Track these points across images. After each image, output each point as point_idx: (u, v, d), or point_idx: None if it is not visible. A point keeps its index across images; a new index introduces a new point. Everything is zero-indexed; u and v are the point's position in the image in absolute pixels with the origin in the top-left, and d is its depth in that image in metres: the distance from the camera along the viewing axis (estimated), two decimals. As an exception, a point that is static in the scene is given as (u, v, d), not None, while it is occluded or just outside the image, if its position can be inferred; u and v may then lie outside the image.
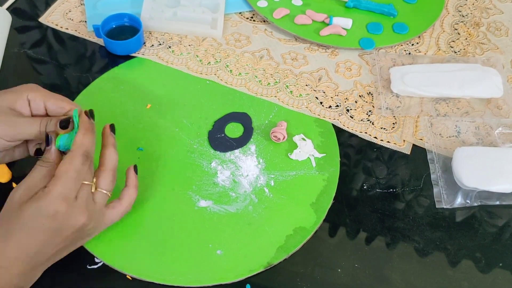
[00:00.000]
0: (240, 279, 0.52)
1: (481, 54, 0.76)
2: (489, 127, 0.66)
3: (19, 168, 0.60)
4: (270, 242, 0.55)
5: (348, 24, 0.76)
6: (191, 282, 0.52)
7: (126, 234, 0.54)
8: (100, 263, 0.53)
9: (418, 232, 0.57)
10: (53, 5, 0.79)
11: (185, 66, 0.72)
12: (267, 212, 0.57)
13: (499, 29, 0.81)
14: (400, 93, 0.69)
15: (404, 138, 0.66)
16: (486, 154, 0.60)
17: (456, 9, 0.84)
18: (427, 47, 0.77)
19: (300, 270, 0.53)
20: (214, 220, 0.56)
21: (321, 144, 0.63)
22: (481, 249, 0.56)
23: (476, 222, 0.59)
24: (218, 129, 0.64)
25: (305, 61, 0.74)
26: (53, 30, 0.76)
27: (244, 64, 0.73)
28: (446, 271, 0.54)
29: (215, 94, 0.68)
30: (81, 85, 0.69)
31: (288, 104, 0.68)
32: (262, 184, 0.59)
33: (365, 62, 0.74)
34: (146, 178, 0.59)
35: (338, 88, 0.71)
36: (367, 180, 0.61)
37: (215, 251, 0.54)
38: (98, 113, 0.65)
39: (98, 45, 0.74)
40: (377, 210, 0.59)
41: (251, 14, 0.81)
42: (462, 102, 0.69)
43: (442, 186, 0.60)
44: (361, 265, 0.54)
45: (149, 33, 0.76)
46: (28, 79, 0.69)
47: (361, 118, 0.67)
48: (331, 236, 0.56)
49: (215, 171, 0.60)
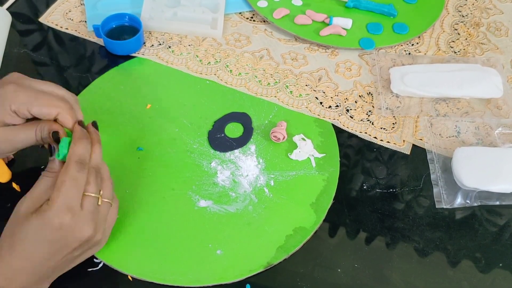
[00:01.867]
0: (240, 279, 0.52)
1: (481, 54, 0.76)
2: (489, 127, 0.66)
3: (19, 168, 0.60)
4: (270, 242, 0.55)
5: (348, 24, 0.76)
6: (191, 282, 0.52)
7: (127, 234, 0.54)
8: (100, 264, 0.53)
9: (418, 232, 0.57)
10: (53, 5, 0.79)
11: (185, 66, 0.72)
12: (267, 212, 0.57)
13: (499, 29, 0.81)
14: (400, 93, 0.69)
15: (404, 138, 0.66)
16: (486, 154, 0.60)
17: (456, 9, 0.84)
18: (427, 47, 0.77)
19: (300, 270, 0.53)
20: (214, 220, 0.56)
21: (321, 144, 0.63)
22: (481, 249, 0.56)
23: (476, 222, 0.58)
24: (218, 129, 0.64)
25: (305, 61, 0.74)
26: (53, 30, 0.76)
27: (244, 64, 0.73)
28: (446, 271, 0.54)
29: (215, 94, 0.68)
30: (81, 85, 0.69)
31: (288, 104, 0.68)
32: (262, 184, 0.59)
33: (365, 62, 0.74)
34: (146, 178, 0.59)
35: (338, 88, 0.71)
36: (367, 180, 0.61)
37: (215, 251, 0.54)
38: (98, 113, 0.65)
39: (98, 45, 0.74)
40: (377, 210, 0.59)
41: (251, 14, 0.81)
42: (462, 102, 0.69)
43: (442, 186, 0.60)
44: (361, 265, 0.54)
45: (149, 33, 0.76)
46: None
47: (361, 118, 0.67)
48: (331, 236, 0.56)
49: (215, 171, 0.60)
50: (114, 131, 0.63)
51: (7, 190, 0.58)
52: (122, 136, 0.63)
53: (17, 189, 0.58)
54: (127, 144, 0.62)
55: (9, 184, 0.58)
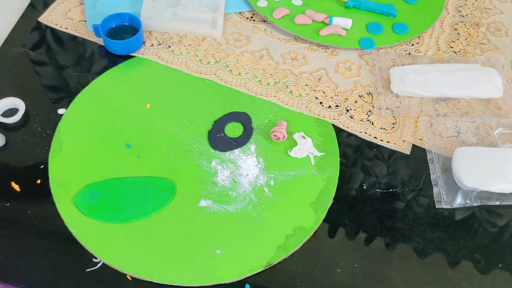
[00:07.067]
0: (239, 279, 0.52)
1: (481, 54, 0.76)
2: (489, 127, 0.66)
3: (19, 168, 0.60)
4: (270, 242, 0.55)
5: (348, 24, 0.76)
6: (191, 282, 0.52)
7: (126, 234, 0.54)
8: (99, 264, 0.52)
9: (418, 232, 0.57)
10: (53, 5, 0.79)
11: (185, 65, 0.72)
12: (267, 212, 0.57)
13: (499, 29, 0.81)
14: (400, 93, 0.69)
15: (404, 138, 0.65)
16: (486, 154, 0.60)
17: (456, 9, 0.84)
18: (427, 47, 0.77)
19: (299, 270, 0.53)
20: (214, 219, 0.56)
21: (321, 144, 0.63)
22: (480, 249, 0.56)
23: (476, 222, 0.58)
24: (218, 129, 0.64)
25: (305, 61, 0.74)
26: (52, 30, 0.76)
27: (244, 64, 0.73)
28: (446, 271, 0.54)
29: (215, 94, 0.68)
30: (80, 85, 0.69)
31: (287, 104, 0.68)
32: (261, 184, 0.59)
33: (365, 62, 0.74)
34: (145, 177, 0.59)
35: (337, 88, 0.70)
36: (366, 180, 0.61)
37: (215, 251, 0.54)
38: (98, 113, 0.65)
39: (98, 44, 0.74)
40: (376, 210, 0.59)
41: (251, 14, 0.81)
42: (462, 102, 0.69)
43: (442, 186, 0.60)
44: (360, 265, 0.54)
45: (149, 33, 0.76)
46: (28, 79, 0.69)
47: (361, 118, 0.67)
48: (331, 236, 0.56)
49: (215, 171, 0.60)
50: (114, 130, 0.63)
51: (7, 190, 0.58)
52: (122, 135, 0.63)
53: (17, 189, 0.58)
54: (126, 143, 0.62)
55: (9, 184, 0.58)
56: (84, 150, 0.61)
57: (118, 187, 0.58)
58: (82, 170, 0.59)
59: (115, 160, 0.60)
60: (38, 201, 0.57)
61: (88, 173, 0.59)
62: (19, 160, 0.60)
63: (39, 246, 0.54)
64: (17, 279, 0.52)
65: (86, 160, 0.60)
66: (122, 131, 0.63)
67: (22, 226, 0.55)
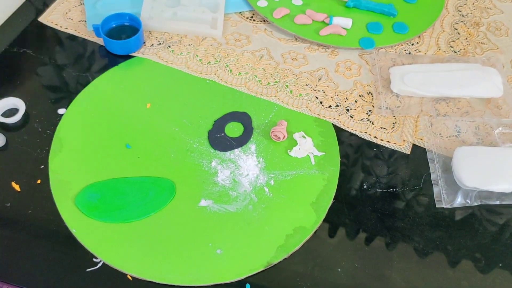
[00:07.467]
0: (239, 279, 0.52)
1: (481, 54, 0.76)
2: (489, 127, 0.66)
3: (19, 168, 0.59)
4: (270, 242, 0.55)
5: (348, 24, 0.76)
6: (191, 282, 0.52)
7: (126, 234, 0.54)
8: (99, 264, 0.52)
9: (418, 232, 0.57)
10: (53, 5, 0.79)
11: (185, 65, 0.72)
12: (267, 212, 0.57)
13: (499, 29, 0.81)
14: (400, 93, 0.69)
15: (404, 138, 0.65)
16: (486, 154, 0.60)
17: (456, 9, 0.84)
18: (427, 47, 0.77)
19: (300, 269, 0.53)
20: (214, 219, 0.56)
21: (321, 144, 0.63)
22: (481, 249, 0.56)
23: (476, 221, 0.58)
24: (218, 129, 0.64)
25: (305, 60, 0.74)
26: (52, 30, 0.76)
27: (244, 63, 0.73)
28: (446, 271, 0.54)
29: (215, 94, 0.68)
30: (80, 85, 0.69)
31: (288, 103, 0.68)
32: (262, 184, 0.59)
33: (365, 62, 0.74)
34: (145, 177, 0.59)
35: (338, 88, 0.70)
36: (367, 179, 0.61)
37: (215, 251, 0.54)
38: (98, 113, 0.65)
39: (98, 44, 0.74)
40: (377, 210, 0.59)
41: (251, 13, 0.81)
42: (462, 102, 0.69)
43: (442, 186, 0.60)
44: (361, 264, 0.54)
45: (149, 33, 0.76)
46: (28, 79, 0.69)
47: (361, 118, 0.67)
48: (331, 235, 0.56)
49: (215, 171, 0.60)
50: (114, 130, 0.63)
51: (7, 190, 0.58)
52: (122, 135, 0.63)
53: (17, 189, 0.58)
54: (126, 143, 0.62)
55: (9, 184, 0.58)
56: (84, 150, 0.61)
57: (118, 187, 0.58)
58: (82, 170, 0.59)
59: (115, 160, 0.60)
60: (38, 201, 0.57)
61: (88, 173, 0.59)
62: (19, 160, 0.60)
63: (39, 246, 0.54)
64: (17, 279, 0.52)
65: (86, 160, 0.60)
66: (122, 131, 0.63)
67: (22, 226, 0.55)
